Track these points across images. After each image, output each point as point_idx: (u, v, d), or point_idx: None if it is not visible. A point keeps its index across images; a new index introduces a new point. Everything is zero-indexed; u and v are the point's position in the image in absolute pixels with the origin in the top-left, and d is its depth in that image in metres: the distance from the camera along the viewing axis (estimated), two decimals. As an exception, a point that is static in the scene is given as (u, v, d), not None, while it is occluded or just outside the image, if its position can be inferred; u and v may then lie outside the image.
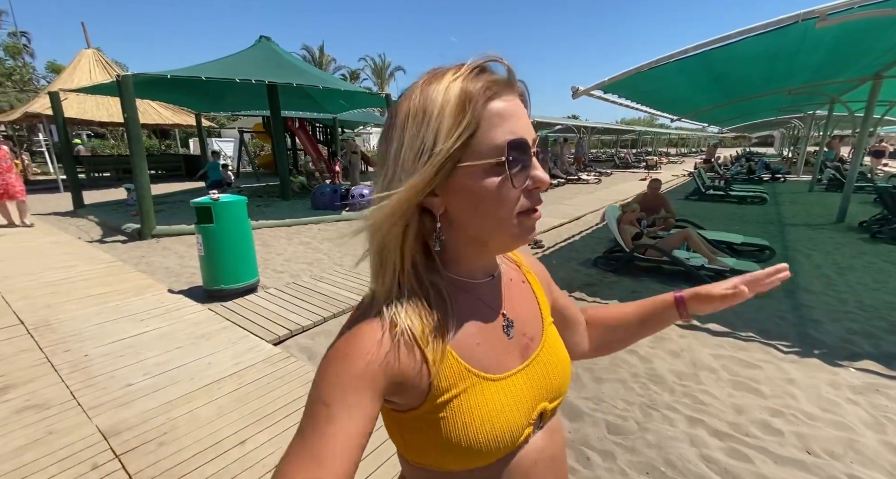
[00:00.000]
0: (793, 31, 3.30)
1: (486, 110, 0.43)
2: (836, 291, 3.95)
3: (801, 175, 15.81)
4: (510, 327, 0.54)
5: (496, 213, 0.45)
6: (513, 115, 0.44)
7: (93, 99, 13.13)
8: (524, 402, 0.51)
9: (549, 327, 0.60)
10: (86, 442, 1.86)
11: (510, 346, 0.53)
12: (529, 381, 0.53)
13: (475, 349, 0.50)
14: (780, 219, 7.64)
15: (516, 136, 0.44)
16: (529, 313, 0.58)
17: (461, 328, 0.50)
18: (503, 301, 0.56)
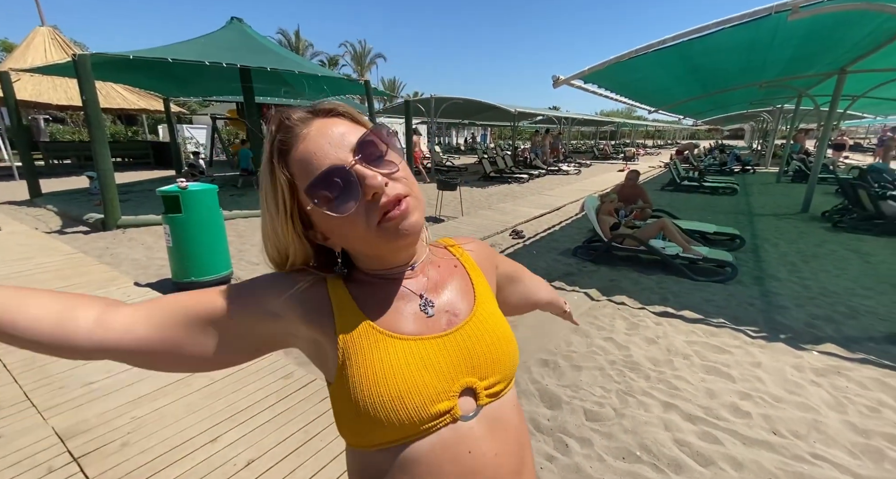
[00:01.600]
0: (766, 24, 3.35)
1: (289, 164, 0.48)
2: (801, 278, 4.11)
3: (770, 167, 16.41)
4: (429, 305, 0.55)
5: (355, 234, 0.49)
6: (310, 154, 0.47)
7: (50, 80, 12.33)
8: (439, 367, 0.50)
9: (481, 305, 0.58)
10: (41, 445, 1.75)
11: (429, 322, 0.54)
12: (445, 349, 0.51)
13: (387, 317, 0.52)
14: (749, 209, 7.91)
15: (315, 174, 0.46)
16: (457, 293, 0.58)
17: (375, 302, 0.53)
18: (425, 285, 0.57)
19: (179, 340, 0.48)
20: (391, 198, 0.47)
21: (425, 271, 0.58)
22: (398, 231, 0.48)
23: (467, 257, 0.65)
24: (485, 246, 0.70)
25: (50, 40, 13.19)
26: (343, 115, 0.51)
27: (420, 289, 0.57)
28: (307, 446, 1.82)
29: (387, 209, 0.47)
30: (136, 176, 11.79)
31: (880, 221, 5.97)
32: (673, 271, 4.25)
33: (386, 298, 0.54)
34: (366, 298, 0.54)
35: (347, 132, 0.48)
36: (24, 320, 0.44)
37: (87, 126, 5.60)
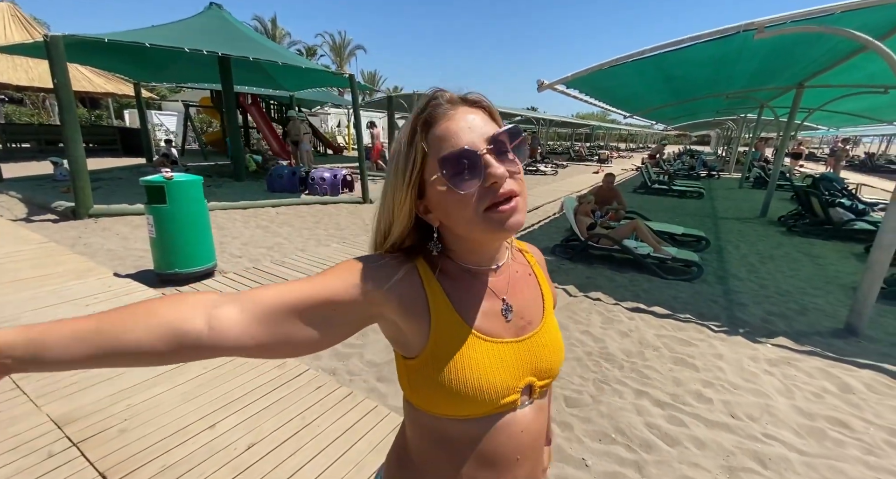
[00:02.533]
0: (735, 41, 3.62)
1: (429, 137, 0.53)
2: (759, 277, 4.46)
3: (733, 173, 17.33)
4: (508, 311, 0.62)
5: (461, 215, 0.53)
6: (451, 132, 0.52)
7: (8, 59, 11.56)
8: (511, 367, 0.58)
9: (549, 315, 0.67)
10: (37, 431, 1.76)
11: (507, 326, 0.61)
12: (518, 353, 0.60)
13: (474, 318, 0.59)
14: (714, 213, 8.39)
15: (451, 150, 0.51)
16: (531, 301, 0.66)
17: (465, 300, 0.59)
18: (506, 288, 0.63)
19: (291, 333, 0.51)
20: (506, 191, 0.52)
21: (507, 274, 0.64)
22: (502, 224, 0.52)
23: (536, 265, 0.72)
24: (541, 256, 0.77)
25: (9, 16, 12.39)
26: (485, 109, 0.57)
27: (502, 291, 0.63)
28: (306, 430, 1.90)
29: (497, 201, 0.52)
30: (103, 163, 11.26)
31: (829, 226, 6.49)
32: (645, 270, 4.51)
33: (474, 296, 0.60)
34: (458, 294, 0.59)
35: (485, 124, 0.54)
36: (134, 348, 0.44)
37: (60, 110, 5.37)
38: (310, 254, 4.52)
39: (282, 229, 5.74)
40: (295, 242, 5.16)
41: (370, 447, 1.82)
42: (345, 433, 1.90)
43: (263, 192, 8.18)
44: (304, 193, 8.17)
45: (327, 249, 4.75)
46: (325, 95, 16.20)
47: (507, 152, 0.53)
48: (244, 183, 9.06)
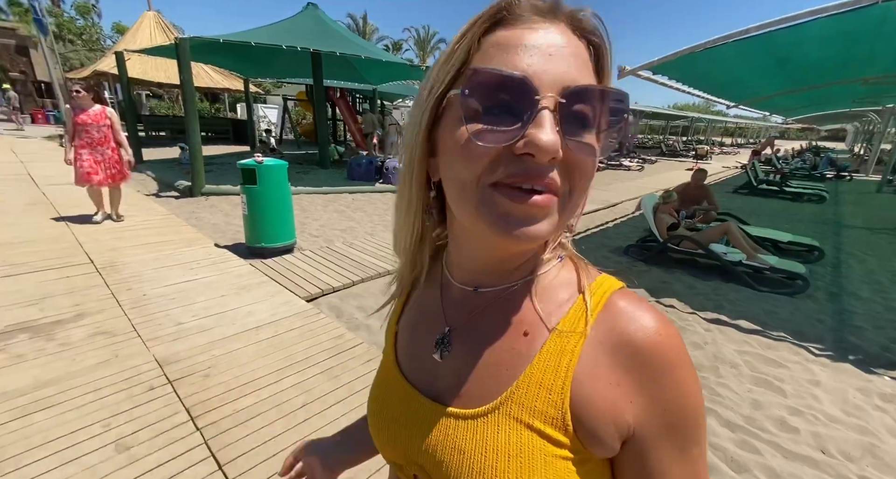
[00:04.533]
0: (871, 13, 2.98)
1: (484, 40, 0.33)
2: (886, 299, 3.71)
3: (871, 174, 14.47)
4: (446, 348, 0.41)
5: (459, 171, 0.32)
6: (516, 43, 0.31)
7: (152, 60, 13.77)
8: (396, 434, 0.43)
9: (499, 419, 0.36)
10: (144, 368, 2.12)
11: (431, 367, 0.42)
12: (416, 420, 0.41)
13: (407, 330, 0.48)
14: (837, 219, 7.12)
15: (497, 67, 0.31)
16: (489, 366, 0.38)
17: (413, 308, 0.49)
18: (466, 316, 0.41)
19: None
20: (538, 175, 0.30)
21: (490, 304, 0.40)
22: (504, 222, 0.31)
23: (570, 343, 0.35)
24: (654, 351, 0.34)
25: (154, 24, 14.71)
26: (594, 44, 0.34)
27: (457, 318, 0.42)
28: (352, 398, 2.03)
29: (516, 181, 0.31)
30: (217, 150, 12.95)
31: None
32: (733, 279, 4.01)
33: (418, 317, 0.47)
34: (415, 300, 0.49)
35: (577, 64, 0.32)
36: None
37: (183, 103, 6.28)
38: (377, 239, 4.76)
39: (356, 215, 6.11)
40: (365, 226, 5.47)
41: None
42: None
43: (344, 179, 8.77)
44: (379, 182, 8.59)
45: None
46: (406, 88, 16.75)
47: (586, 124, 0.31)
48: (328, 171, 9.79)
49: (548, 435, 0.34)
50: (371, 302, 3.23)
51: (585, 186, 0.34)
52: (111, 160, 4.46)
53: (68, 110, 4.19)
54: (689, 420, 0.34)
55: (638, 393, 0.33)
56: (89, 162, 4.29)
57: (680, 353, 0.34)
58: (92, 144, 4.28)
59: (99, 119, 4.27)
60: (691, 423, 0.34)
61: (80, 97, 4.14)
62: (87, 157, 4.28)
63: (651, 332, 0.34)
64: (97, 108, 4.27)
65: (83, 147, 4.26)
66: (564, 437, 0.33)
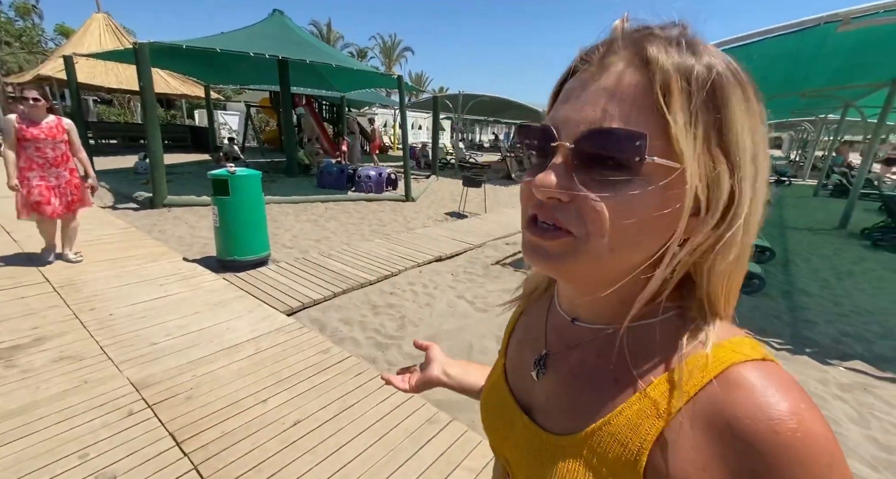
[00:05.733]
0: (813, 34, 3.31)
1: (561, 93, 0.36)
2: (833, 294, 4.05)
3: (807, 179, 15.80)
4: (542, 369, 0.43)
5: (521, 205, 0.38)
6: (567, 93, 0.34)
7: (102, 64, 13.00)
8: (496, 419, 0.48)
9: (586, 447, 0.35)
10: (119, 392, 1.99)
11: (529, 384, 0.45)
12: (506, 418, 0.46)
13: (513, 350, 0.52)
14: (782, 222, 7.71)
15: (544, 120, 0.35)
16: (582, 393, 0.38)
17: (518, 333, 0.53)
18: (566, 344, 0.42)
19: None
20: (545, 213, 0.34)
21: (585, 339, 0.40)
22: (525, 248, 0.36)
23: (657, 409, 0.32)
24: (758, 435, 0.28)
25: (104, 26, 13.93)
26: (652, 70, 0.31)
27: (556, 344, 0.43)
28: (346, 413, 1.99)
29: (532, 216, 0.35)
30: (176, 158, 12.34)
31: (924, 241, 5.75)
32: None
33: (529, 330, 0.50)
34: (523, 321, 0.53)
35: (618, 107, 0.31)
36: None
37: (143, 110, 5.98)
38: (354, 248, 4.70)
39: (329, 224, 6.00)
40: (341, 236, 5.38)
41: (406, 434, 1.88)
42: (382, 419, 1.97)
43: (313, 187, 8.59)
44: (351, 190, 8.49)
45: (370, 243, 4.92)
46: (373, 95, 16.71)
47: (607, 166, 0.31)
48: (296, 179, 9.57)
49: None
50: (354, 314, 3.18)
51: (601, 230, 0.31)
52: (70, 185, 3.51)
53: (9, 122, 3.23)
54: None
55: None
56: (40, 188, 3.34)
57: (811, 461, 0.27)
58: (45, 165, 3.35)
59: (55, 133, 3.36)
60: None
61: (37, 107, 3.26)
62: (37, 182, 3.33)
63: (769, 420, 0.27)
64: (51, 119, 3.37)
65: (32, 169, 3.30)
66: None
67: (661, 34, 0.32)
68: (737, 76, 0.31)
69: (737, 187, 0.31)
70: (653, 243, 0.33)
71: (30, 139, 3.28)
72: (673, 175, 0.30)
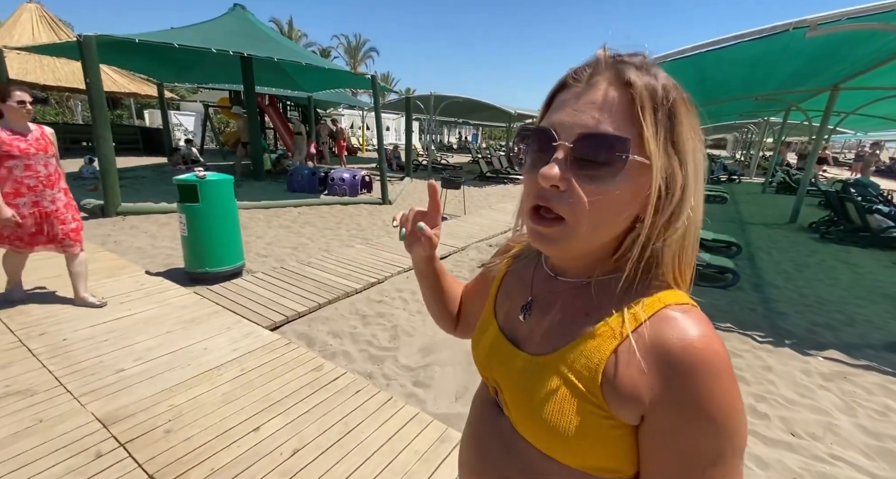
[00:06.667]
0: (780, 40, 3.50)
1: (553, 102, 0.46)
2: (797, 286, 4.30)
3: (754, 177, 16.94)
4: (528, 311, 0.54)
5: (523, 194, 0.48)
6: (561, 103, 0.44)
7: (37, 59, 11.86)
8: (485, 348, 0.58)
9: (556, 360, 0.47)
10: (83, 430, 1.74)
11: (516, 323, 0.56)
12: (496, 348, 0.56)
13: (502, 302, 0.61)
14: (740, 218, 8.18)
15: (542, 123, 0.45)
16: (557, 325, 0.50)
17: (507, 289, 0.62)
18: (547, 292, 0.54)
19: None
20: (546, 200, 0.43)
21: (565, 289, 0.51)
22: (532, 237, 0.47)
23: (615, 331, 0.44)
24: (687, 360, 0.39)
25: (38, 17, 12.74)
26: (635, 92, 0.41)
27: (540, 292, 0.54)
28: (349, 437, 1.85)
29: (536, 205, 0.44)
30: (127, 162, 11.45)
31: (866, 233, 6.26)
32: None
33: (516, 284, 0.60)
34: (509, 279, 0.62)
35: (604, 113, 0.41)
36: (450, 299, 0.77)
37: (91, 109, 5.46)
38: (335, 255, 4.49)
39: (304, 230, 5.73)
40: (318, 242, 5.15)
41: (416, 456, 1.76)
42: (389, 440, 1.84)
43: (283, 192, 8.22)
44: (324, 193, 8.19)
45: (352, 249, 4.72)
46: (340, 96, 16.30)
47: (598, 164, 0.40)
48: (264, 183, 9.13)
49: (579, 390, 0.43)
50: (343, 326, 3.01)
51: (586, 216, 0.42)
52: (69, 208, 2.77)
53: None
54: (705, 429, 0.38)
55: (659, 386, 0.39)
56: (33, 218, 2.62)
57: (714, 364, 0.38)
58: (36, 187, 2.60)
59: (45, 145, 2.63)
60: (709, 434, 0.38)
61: (26, 112, 2.52)
62: (30, 210, 2.60)
63: (688, 339, 0.39)
64: (33, 128, 2.63)
65: (20, 195, 2.56)
66: (592, 395, 0.42)
67: (631, 61, 0.43)
68: (680, 92, 0.43)
69: (685, 178, 0.42)
70: (624, 223, 0.44)
71: (18, 156, 2.51)
72: (643, 170, 0.41)
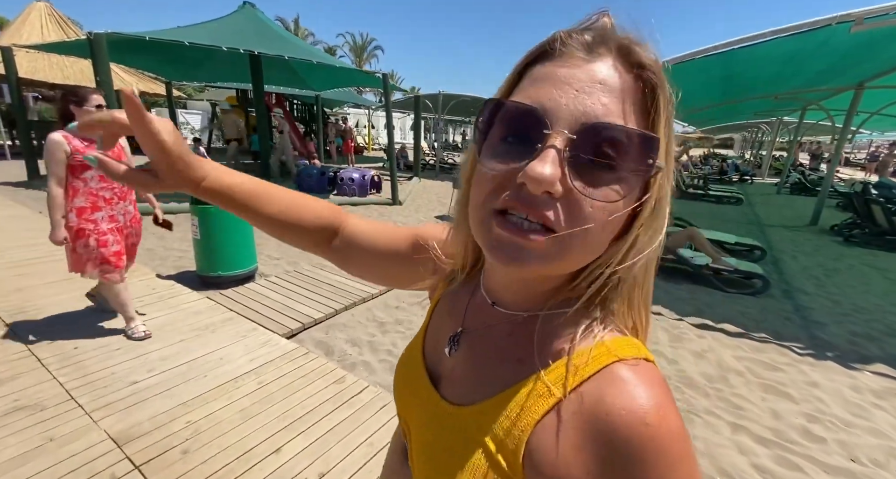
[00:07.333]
0: (817, 36, 3.33)
1: (526, 74, 0.34)
2: (829, 293, 4.13)
3: (766, 177, 16.65)
4: (454, 345, 0.44)
5: (474, 194, 0.35)
6: (550, 77, 0.32)
7: (46, 57, 11.85)
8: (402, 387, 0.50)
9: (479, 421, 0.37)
10: (96, 450, 1.63)
11: (444, 359, 0.45)
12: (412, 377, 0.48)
13: (437, 318, 0.51)
14: (758, 220, 7.98)
15: (522, 99, 0.32)
16: (480, 377, 0.40)
17: (443, 300, 0.51)
18: (481, 324, 0.43)
19: (383, 259, 0.57)
20: (531, 208, 0.31)
21: (500, 322, 0.41)
22: (493, 248, 0.33)
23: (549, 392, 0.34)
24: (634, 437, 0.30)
25: (47, 16, 12.75)
26: (648, 83, 0.32)
27: (473, 323, 0.44)
28: (376, 460, 1.73)
29: (511, 209, 0.32)
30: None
31: (893, 237, 6.06)
32: (701, 282, 4.23)
33: (450, 307, 0.49)
34: (454, 290, 0.50)
35: (613, 105, 0.30)
36: (276, 203, 0.54)
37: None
38: (349, 257, 4.38)
39: (316, 230, 5.62)
40: (331, 244, 5.04)
41: None
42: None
43: (293, 191, 8.13)
44: (333, 193, 8.09)
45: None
46: (346, 94, 16.21)
47: (603, 166, 0.30)
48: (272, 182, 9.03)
49: (495, 460, 0.34)
50: (361, 333, 2.90)
51: (584, 233, 0.31)
52: (135, 222, 2.54)
53: (59, 145, 2.14)
54: None
55: (597, 471, 0.30)
56: (112, 233, 2.34)
57: (668, 449, 0.29)
58: (113, 199, 2.35)
59: (119, 153, 2.33)
60: None
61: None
62: (107, 225, 2.32)
63: (638, 413, 0.30)
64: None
65: (98, 208, 2.29)
66: (510, 469, 0.33)
67: (639, 39, 0.33)
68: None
69: (671, 187, 0.34)
70: (607, 243, 0.34)
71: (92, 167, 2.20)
72: (652, 175, 0.32)
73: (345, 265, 0.60)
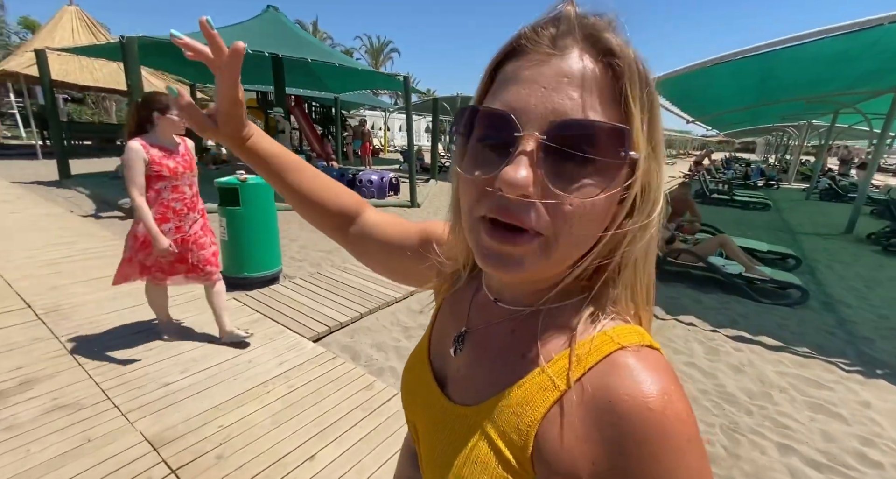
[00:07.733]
0: (867, 36, 3.17)
1: (498, 75, 0.34)
2: (872, 306, 3.94)
3: (793, 183, 16.14)
4: (459, 345, 0.44)
5: (462, 201, 0.35)
6: (518, 78, 0.31)
7: (77, 60, 12.23)
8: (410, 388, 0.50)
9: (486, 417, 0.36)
10: (133, 452, 1.63)
11: (447, 359, 0.45)
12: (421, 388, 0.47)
13: (438, 329, 0.50)
14: (788, 227, 7.71)
15: (494, 101, 0.32)
16: (486, 375, 0.39)
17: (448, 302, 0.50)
18: (484, 322, 0.43)
19: (393, 251, 0.57)
20: (513, 215, 0.30)
21: (504, 319, 0.40)
22: (484, 256, 0.33)
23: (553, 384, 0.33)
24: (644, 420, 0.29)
25: (77, 20, 13.16)
26: (616, 70, 0.30)
27: (476, 322, 0.43)
28: (411, 471, 1.68)
29: (493, 215, 0.31)
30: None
31: (936, 247, 5.77)
32: (733, 291, 4.08)
33: (454, 308, 0.48)
34: (450, 301, 0.50)
35: (582, 99, 0.29)
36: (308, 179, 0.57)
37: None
38: (371, 260, 4.36)
39: (337, 232, 5.64)
40: (352, 246, 5.03)
41: None
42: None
43: (313, 192, 8.18)
44: (353, 194, 8.11)
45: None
46: (363, 97, 16.34)
47: (579, 162, 0.30)
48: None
49: (504, 457, 0.34)
50: (386, 338, 2.86)
51: (569, 230, 0.31)
52: (204, 231, 2.38)
53: (138, 153, 2.04)
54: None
55: (603, 460, 0.29)
56: (175, 245, 2.20)
57: (675, 434, 0.28)
58: (181, 211, 2.24)
59: (191, 163, 2.27)
60: None
61: (183, 124, 2.11)
62: (172, 237, 2.20)
63: (641, 397, 0.29)
64: (178, 142, 2.24)
65: (166, 220, 2.19)
66: (519, 466, 0.33)
67: (602, 21, 0.32)
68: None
69: (659, 175, 0.33)
70: (597, 235, 0.33)
71: (168, 176, 2.14)
72: (632, 168, 0.32)
73: (358, 254, 0.61)
